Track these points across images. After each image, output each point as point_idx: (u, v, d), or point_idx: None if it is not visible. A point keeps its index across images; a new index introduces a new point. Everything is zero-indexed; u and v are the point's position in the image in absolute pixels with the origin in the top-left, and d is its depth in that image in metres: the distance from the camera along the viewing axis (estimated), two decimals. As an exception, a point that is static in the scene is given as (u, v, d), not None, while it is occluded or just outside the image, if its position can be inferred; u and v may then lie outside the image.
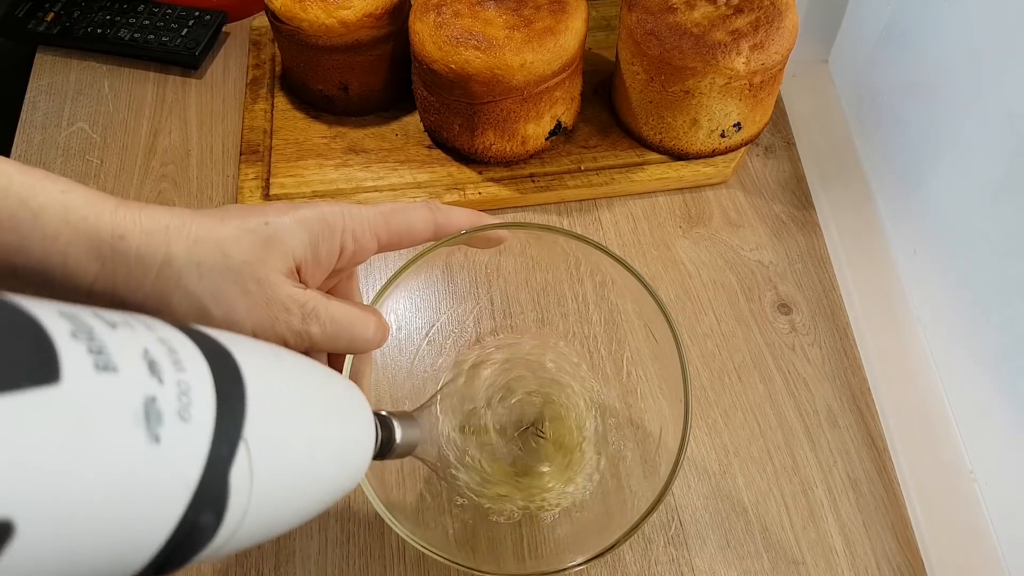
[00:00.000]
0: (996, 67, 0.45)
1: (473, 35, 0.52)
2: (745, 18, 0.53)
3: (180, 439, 0.18)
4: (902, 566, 0.45)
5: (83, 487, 0.16)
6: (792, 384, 0.51)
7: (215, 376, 0.20)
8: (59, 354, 0.16)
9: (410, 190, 0.58)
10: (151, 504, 0.17)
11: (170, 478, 0.18)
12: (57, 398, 0.15)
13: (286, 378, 0.24)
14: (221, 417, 0.19)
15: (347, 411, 0.27)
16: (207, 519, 0.19)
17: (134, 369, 0.17)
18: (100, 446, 0.16)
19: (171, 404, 0.18)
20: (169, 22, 0.67)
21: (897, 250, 0.55)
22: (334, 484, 0.26)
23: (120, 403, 0.17)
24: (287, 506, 0.23)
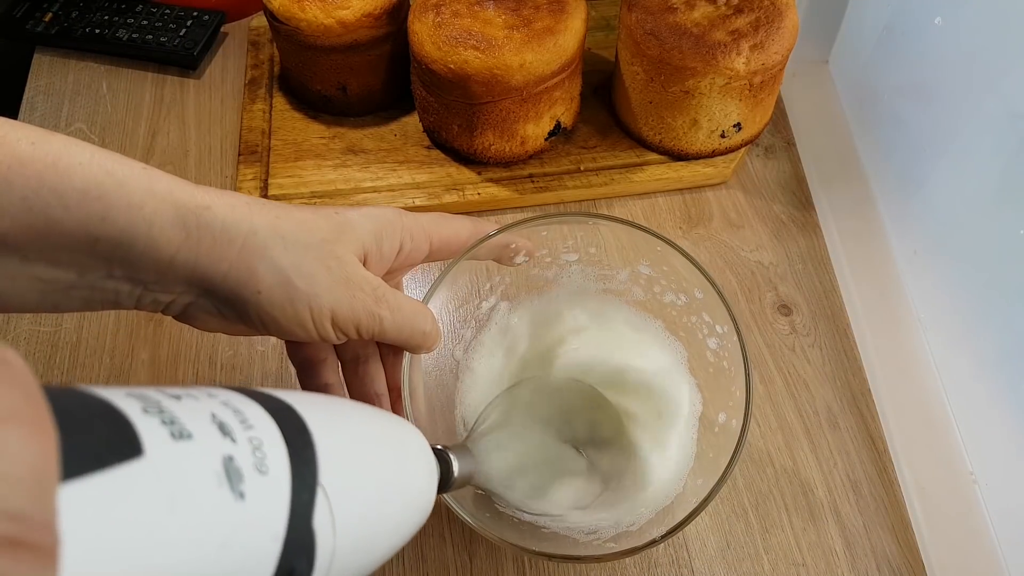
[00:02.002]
0: (996, 67, 0.45)
1: (472, 35, 0.52)
2: (745, 18, 0.53)
3: (263, 492, 0.18)
4: (902, 568, 0.45)
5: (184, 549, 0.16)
6: (792, 385, 0.51)
7: (282, 429, 0.21)
8: (137, 430, 0.16)
9: (409, 191, 0.58)
10: (247, 559, 0.18)
11: (260, 531, 0.18)
12: (146, 470, 0.16)
13: (348, 425, 0.24)
14: (296, 466, 0.20)
15: (409, 451, 0.27)
16: (300, 565, 0.19)
17: (207, 433, 0.18)
18: (193, 508, 0.17)
19: (247, 460, 0.18)
20: (167, 22, 0.67)
21: (898, 251, 0.55)
22: (405, 522, 0.26)
23: (202, 466, 0.17)
24: (367, 549, 0.23)
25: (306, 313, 0.30)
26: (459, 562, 0.44)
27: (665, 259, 0.43)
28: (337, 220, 0.32)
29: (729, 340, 0.41)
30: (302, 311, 0.30)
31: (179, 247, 0.28)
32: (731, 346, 0.40)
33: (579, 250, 0.47)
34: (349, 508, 0.22)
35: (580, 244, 0.46)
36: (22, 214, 0.25)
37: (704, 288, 0.41)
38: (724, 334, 0.41)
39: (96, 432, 0.15)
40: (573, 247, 0.46)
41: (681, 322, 0.45)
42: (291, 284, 0.30)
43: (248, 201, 0.30)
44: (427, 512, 0.28)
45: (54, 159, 0.26)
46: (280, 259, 0.30)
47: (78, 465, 0.14)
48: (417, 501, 0.27)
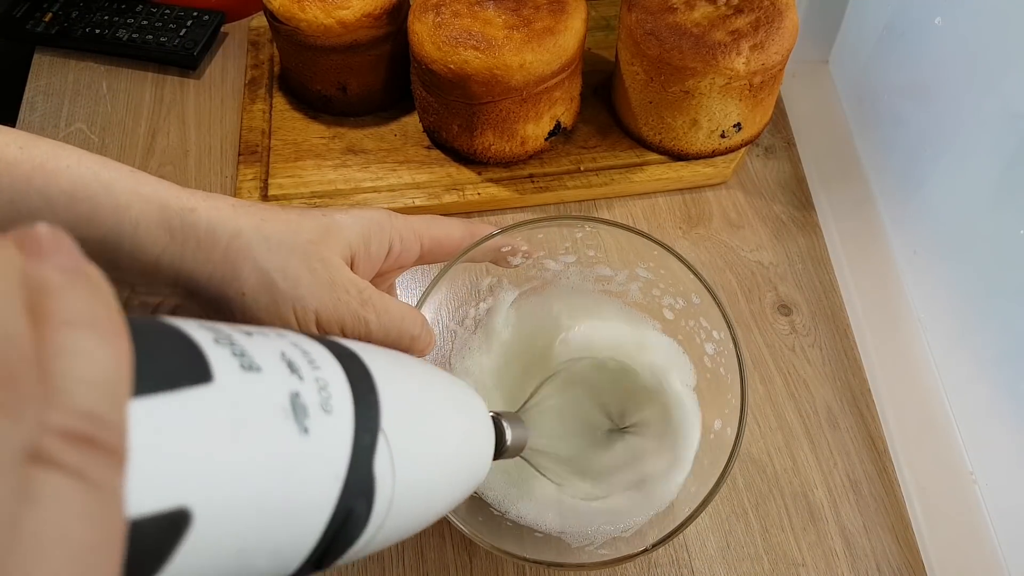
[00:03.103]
0: (996, 67, 0.45)
1: (472, 35, 0.52)
2: (745, 18, 0.53)
3: (327, 430, 0.19)
4: (902, 568, 0.45)
5: (247, 476, 0.16)
6: (792, 385, 0.51)
7: (347, 373, 0.21)
8: (207, 358, 0.17)
9: (409, 191, 0.58)
10: (308, 492, 0.18)
11: (322, 468, 0.19)
12: (214, 395, 0.16)
13: (411, 378, 0.25)
14: (359, 409, 0.20)
15: (468, 408, 0.28)
16: (359, 507, 0.20)
17: (275, 368, 0.18)
18: (258, 437, 0.17)
19: (313, 398, 0.19)
20: (167, 22, 0.67)
21: (897, 251, 0.55)
22: (463, 478, 0.26)
23: (269, 398, 0.18)
24: (424, 501, 0.23)
25: (290, 315, 0.30)
26: (459, 562, 0.44)
27: (663, 263, 0.43)
28: (323, 222, 0.32)
29: (725, 347, 0.40)
30: (286, 313, 0.30)
31: (164, 248, 0.28)
32: (727, 353, 0.40)
33: (577, 252, 0.47)
34: (409, 457, 0.22)
35: (579, 246, 0.46)
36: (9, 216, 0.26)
37: (701, 293, 0.41)
38: (721, 340, 0.41)
39: (168, 355, 0.16)
40: (571, 249, 0.46)
41: (679, 326, 0.45)
42: (275, 286, 0.30)
43: (234, 203, 0.30)
44: (482, 475, 0.28)
45: (41, 162, 0.26)
46: (264, 261, 0.30)
47: (149, 383, 0.15)
48: (474, 461, 0.27)
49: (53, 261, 0.13)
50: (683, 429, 0.42)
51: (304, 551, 0.19)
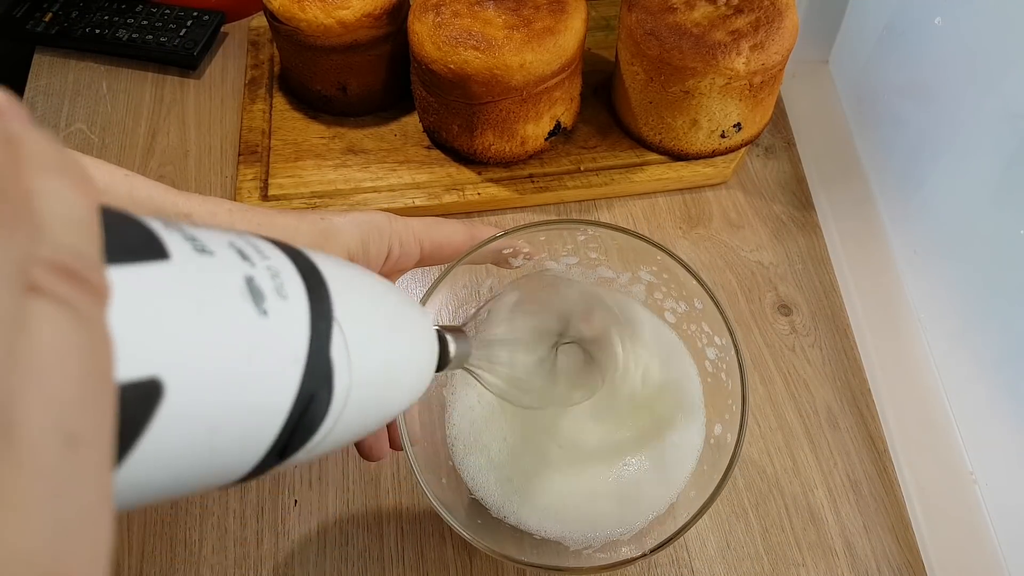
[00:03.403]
0: (996, 67, 0.45)
1: (472, 35, 0.52)
2: (745, 18, 0.53)
3: (284, 313, 0.19)
4: (902, 567, 0.45)
5: (215, 350, 0.17)
6: (792, 385, 0.51)
7: (296, 265, 0.21)
8: (161, 237, 0.17)
9: (409, 191, 0.58)
10: (272, 372, 0.18)
11: (283, 350, 0.19)
12: (173, 271, 0.16)
13: (355, 275, 0.25)
14: (312, 297, 0.21)
15: (412, 311, 0.28)
16: (321, 392, 0.20)
17: (227, 254, 0.19)
18: (221, 313, 0.17)
19: (267, 283, 0.19)
20: (167, 22, 0.67)
21: (897, 251, 0.55)
22: (411, 380, 0.27)
23: (226, 279, 0.18)
24: (376, 397, 0.24)
25: None
26: (459, 562, 0.44)
27: (666, 267, 0.43)
28: (321, 226, 0.32)
29: (727, 353, 0.40)
30: None
31: None
32: (729, 359, 0.40)
33: (579, 253, 0.46)
34: (362, 348, 0.22)
35: (580, 248, 0.46)
36: None
37: (703, 298, 0.41)
38: (723, 346, 0.41)
39: (124, 230, 0.16)
40: (573, 250, 0.46)
41: (681, 329, 0.45)
42: None
43: (230, 208, 0.30)
44: (428, 379, 0.29)
45: None
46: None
47: (110, 252, 0.15)
48: (421, 363, 0.28)
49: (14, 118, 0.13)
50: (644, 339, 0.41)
51: (271, 435, 0.19)
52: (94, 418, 0.12)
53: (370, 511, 0.46)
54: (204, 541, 0.45)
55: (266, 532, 0.45)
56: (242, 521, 0.46)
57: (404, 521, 0.46)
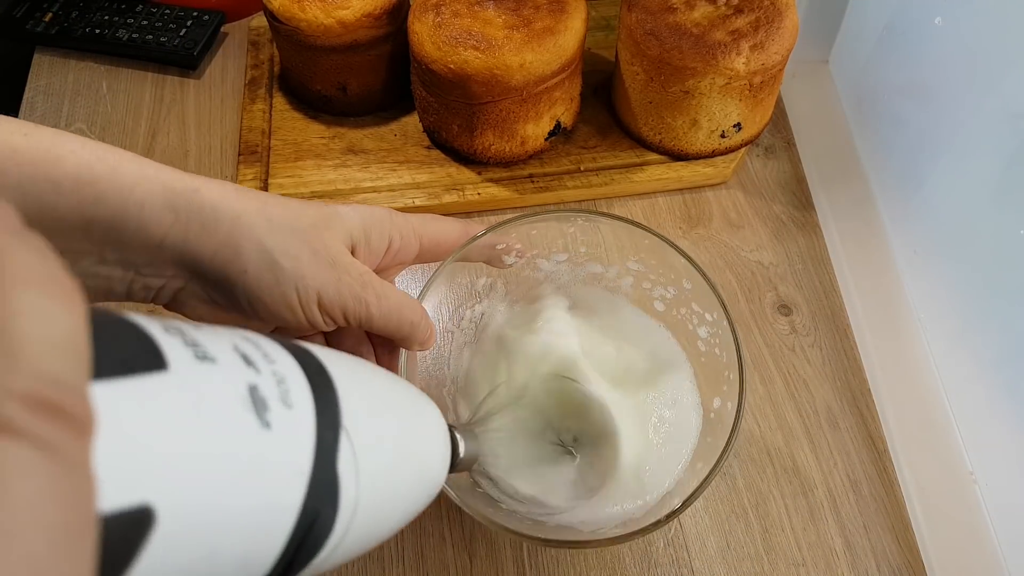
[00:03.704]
0: (996, 67, 0.45)
1: (472, 35, 0.52)
2: (745, 18, 0.53)
3: (288, 424, 0.18)
4: (902, 567, 0.45)
5: (211, 472, 0.15)
6: (792, 385, 0.51)
7: (303, 368, 0.20)
8: (160, 345, 0.16)
9: (409, 191, 0.58)
10: (273, 491, 0.17)
11: (287, 464, 0.18)
12: (171, 383, 0.15)
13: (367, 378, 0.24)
14: (319, 405, 0.19)
15: (427, 415, 0.27)
16: (326, 510, 0.19)
17: (230, 360, 0.17)
18: (220, 430, 0.16)
19: (272, 391, 0.18)
20: (167, 22, 0.67)
21: (897, 251, 0.55)
22: (421, 490, 0.26)
23: (227, 389, 0.17)
24: (386, 509, 0.23)
25: (292, 294, 0.31)
26: (459, 563, 0.44)
27: (654, 253, 0.44)
28: (326, 211, 0.33)
29: (719, 326, 0.41)
30: (289, 292, 0.31)
31: (168, 228, 0.29)
32: (721, 332, 0.41)
33: (569, 249, 0.47)
34: (371, 457, 0.21)
35: (570, 242, 0.47)
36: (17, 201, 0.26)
37: (692, 277, 0.42)
38: (714, 321, 0.42)
39: (120, 340, 0.15)
40: (563, 246, 0.47)
41: (671, 315, 0.46)
42: (277, 264, 0.30)
43: (237, 188, 0.31)
44: (439, 485, 0.28)
45: (47, 147, 0.27)
46: (266, 240, 0.30)
47: (102, 367, 0.14)
48: (432, 469, 0.26)
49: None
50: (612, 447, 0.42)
51: (271, 557, 0.18)
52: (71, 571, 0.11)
53: (370, 511, 0.46)
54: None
55: (266, 532, 0.45)
56: (242, 521, 0.46)
57: (404, 521, 0.46)
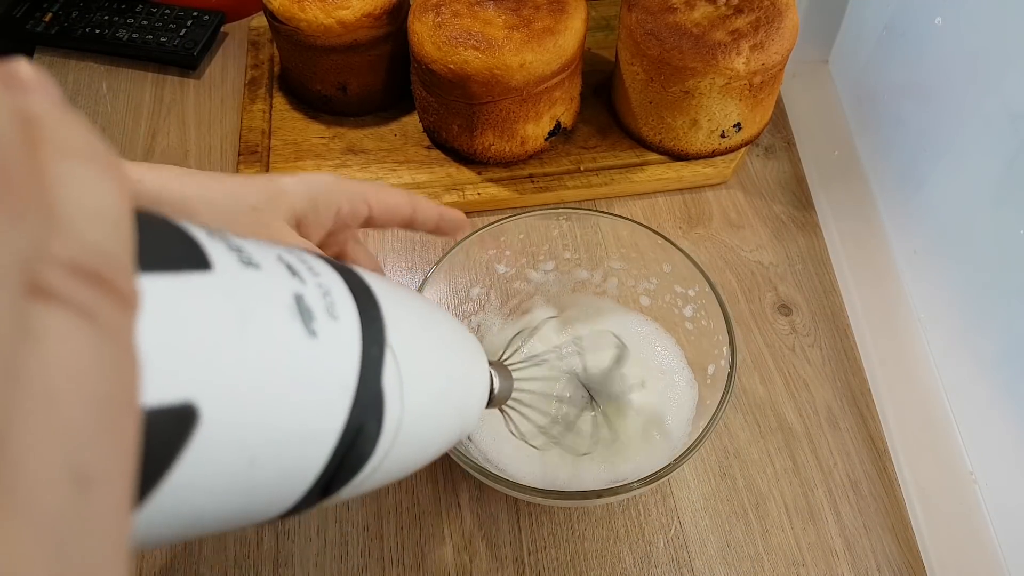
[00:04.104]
0: (996, 67, 0.45)
1: (472, 35, 0.52)
2: (745, 18, 0.53)
3: (334, 335, 0.17)
4: (902, 568, 0.44)
5: (256, 374, 0.15)
6: (792, 385, 0.51)
7: (348, 284, 0.20)
8: (204, 247, 0.15)
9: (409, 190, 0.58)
10: (318, 401, 0.17)
11: (332, 375, 0.17)
12: (215, 284, 0.15)
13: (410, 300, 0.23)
14: (364, 320, 0.19)
15: (466, 338, 0.26)
16: (370, 424, 0.18)
17: (275, 268, 0.17)
18: (266, 333, 0.15)
19: (318, 302, 0.17)
20: (167, 22, 0.67)
21: (897, 251, 0.55)
22: (465, 411, 0.25)
23: (274, 295, 0.16)
24: (429, 430, 0.22)
25: None
26: (459, 562, 0.44)
27: (632, 245, 0.46)
28: (268, 188, 0.32)
29: (702, 297, 0.44)
30: None
31: None
32: (705, 301, 0.43)
33: (555, 256, 0.49)
34: (416, 378, 0.20)
35: (555, 245, 0.48)
36: None
37: (670, 258, 0.45)
38: (696, 294, 0.44)
39: (164, 237, 0.14)
40: (548, 252, 0.49)
41: (657, 306, 0.48)
42: None
43: (179, 173, 0.31)
44: (477, 416, 0.27)
45: None
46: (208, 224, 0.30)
47: (146, 260, 0.13)
48: (472, 396, 0.26)
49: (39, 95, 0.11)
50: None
51: (315, 469, 0.17)
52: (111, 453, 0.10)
53: (370, 511, 0.46)
54: (204, 540, 0.45)
55: (266, 532, 0.45)
56: (242, 521, 0.46)
57: (404, 521, 0.46)
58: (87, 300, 0.10)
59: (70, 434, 0.09)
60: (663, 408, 0.45)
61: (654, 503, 0.46)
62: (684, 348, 0.48)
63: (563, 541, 0.45)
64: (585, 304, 0.50)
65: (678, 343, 0.48)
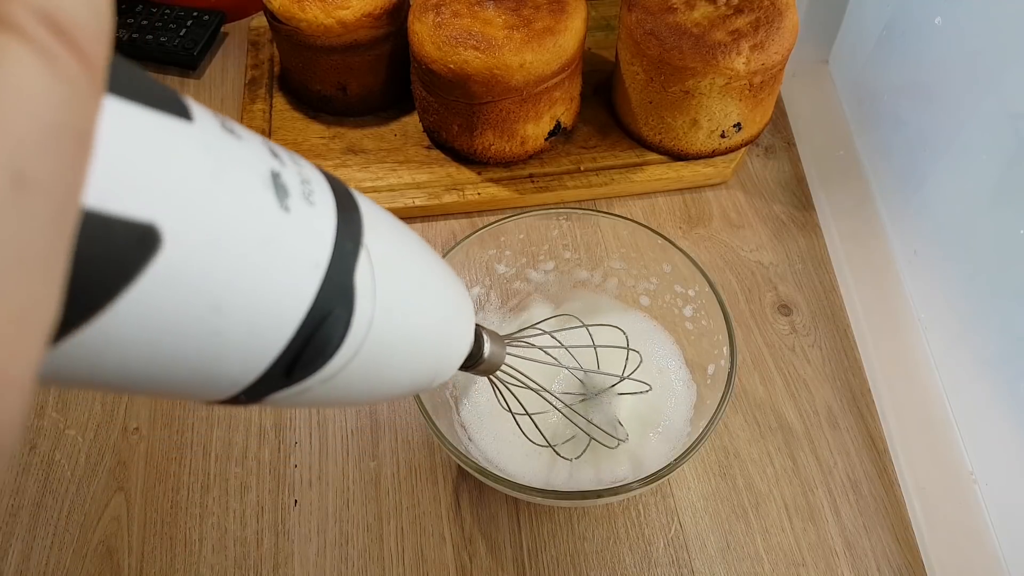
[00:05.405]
0: (996, 67, 0.45)
1: (472, 35, 0.52)
2: (745, 18, 0.53)
3: (308, 216, 0.18)
4: (902, 568, 0.44)
5: (224, 220, 0.15)
6: (792, 385, 0.51)
7: (330, 184, 0.20)
8: (186, 103, 0.15)
9: (409, 191, 0.58)
10: (286, 269, 0.17)
11: (302, 252, 0.17)
12: (193, 133, 0.15)
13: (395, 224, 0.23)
14: (341, 216, 0.19)
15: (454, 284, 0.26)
16: (339, 311, 0.19)
17: (256, 145, 0.17)
18: (238, 188, 0.16)
19: (295, 185, 0.18)
20: (167, 22, 0.67)
21: (897, 251, 0.55)
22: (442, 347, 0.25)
23: (250, 162, 0.16)
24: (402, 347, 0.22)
25: None
26: (459, 562, 0.44)
27: (632, 245, 0.46)
28: None
29: (702, 297, 0.44)
30: None
31: None
32: (705, 301, 0.43)
33: (555, 256, 0.49)
34: (391, 284, 0.21)
35: (555, 245, 0.48)
36: None
37: (670, 260, 0.45)
38: (696, 294, 0.44)
39: (146, 80, 0.14)
40: (549, 252, 0.49)
41: (657, 306, 0.48)
42: None
43: None
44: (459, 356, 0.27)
45: None
46: None
47: (126, 88, 0.13)
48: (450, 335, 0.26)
49: None
50: None
51: (280, 340, 0.17)
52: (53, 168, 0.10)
53: (370, 511, 0.46)
54: (204, 541, 0.45)
55: (266, 532, 0.45)
56: (242, 521, 0.46)
57: (404, 521, 0.46)
58: (48, 44, 0.10)
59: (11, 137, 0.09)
60: (663, 408, 0.45)
61: (654, 503, 0.46)
62: (684, 348, 0.48)
63: (563, 541, 0.45)
64: (585, 299, 0.50)
65: (678, 343, 0.48)
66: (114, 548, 0.45)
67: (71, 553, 0.44)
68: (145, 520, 0.46)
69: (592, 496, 0.37)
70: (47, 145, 0.10)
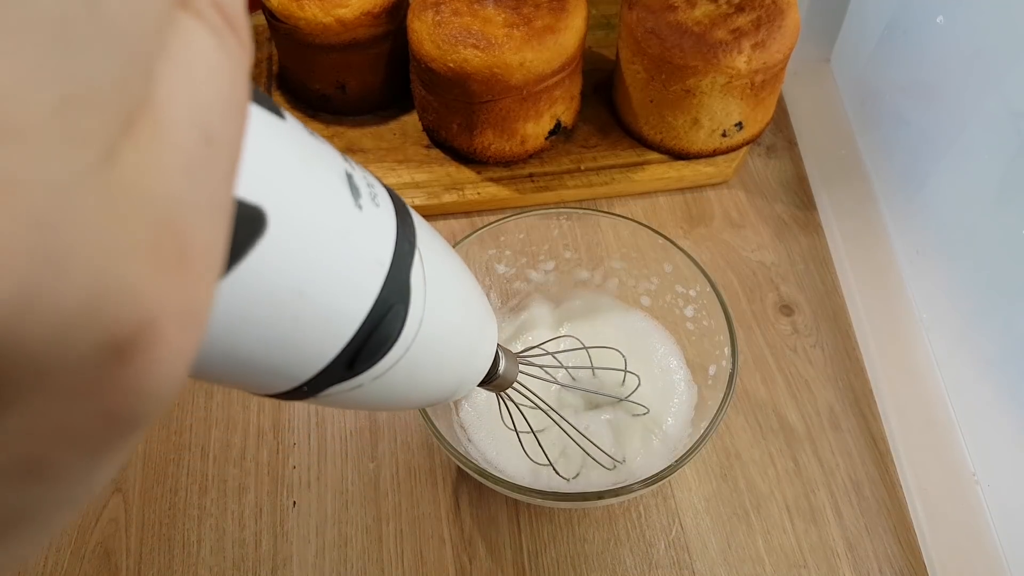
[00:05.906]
0: (998, 66, 0.45)
1: (472, 34, 0.51)
2: (746, 16, 0.53)
3: (375, 216, 0.19)
4: (904, 569, 0.44)
5: (314, 207, 0.17)
6: (794, 386, 0.51)
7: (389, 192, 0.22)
8: (280, 109, 0.17)
9: (408, 190, 0.58)
10: (359, 265, 0.19)
11: (371, 249, 0.19)
12: (288, 130, 0.17)
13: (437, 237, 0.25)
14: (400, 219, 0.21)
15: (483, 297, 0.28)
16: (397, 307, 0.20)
17: (332, 150, 0.19)
18: (324, 183, 0.17)
19: (364, 187, 0.20)
20: (166, 21, 0.66)
21: (900, 251, 0.55)
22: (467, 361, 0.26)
23: (331, 162, 0.18)
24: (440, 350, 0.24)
25: None
26: (459, 563, 0.44)
27: (633, 244, 0.46)
28: None
29: (703, 297, 0.43)
30: None
31: None
32: (706, 301, 0.43)
33: (556, 256, 0.49)
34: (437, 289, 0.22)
35: (555, 244, 0.48)
36: None
37: (671, 260, 0.45)
38: (698, 294, 0.44)
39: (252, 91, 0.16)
40: (548, 252, 0.49)
41: (658, 307, 0.48)
42: None
43: None
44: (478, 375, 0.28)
45: None
46: None
47: None
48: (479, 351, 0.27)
49: None
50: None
51: (349, 329, 0.19)
52: (229, 128, 0.12)
53: (369, 513, 0.46)
54: (202, 542, 0.45)
55: (264, 534, 0.45)
56: (240, 523, 0.45)
57: (403, 523, 0.45)
58: (217, 23, 0.11)
59: (202, 98, 0.11)
60: (663, 409, 0.45)
61: (655, 505, 0.46)
62: (685, 348, 0.47)
63: (563, 543, 0.45)
64: (585, 299, 0.50)
65: (679, 343, 0.48)
66: (112, 550, 0.44)
67: (68, 555, 0.44)
68: (143, 521, 0.45)
69: (592, 498, 0.37)
70: (224, 110, 0.11)
